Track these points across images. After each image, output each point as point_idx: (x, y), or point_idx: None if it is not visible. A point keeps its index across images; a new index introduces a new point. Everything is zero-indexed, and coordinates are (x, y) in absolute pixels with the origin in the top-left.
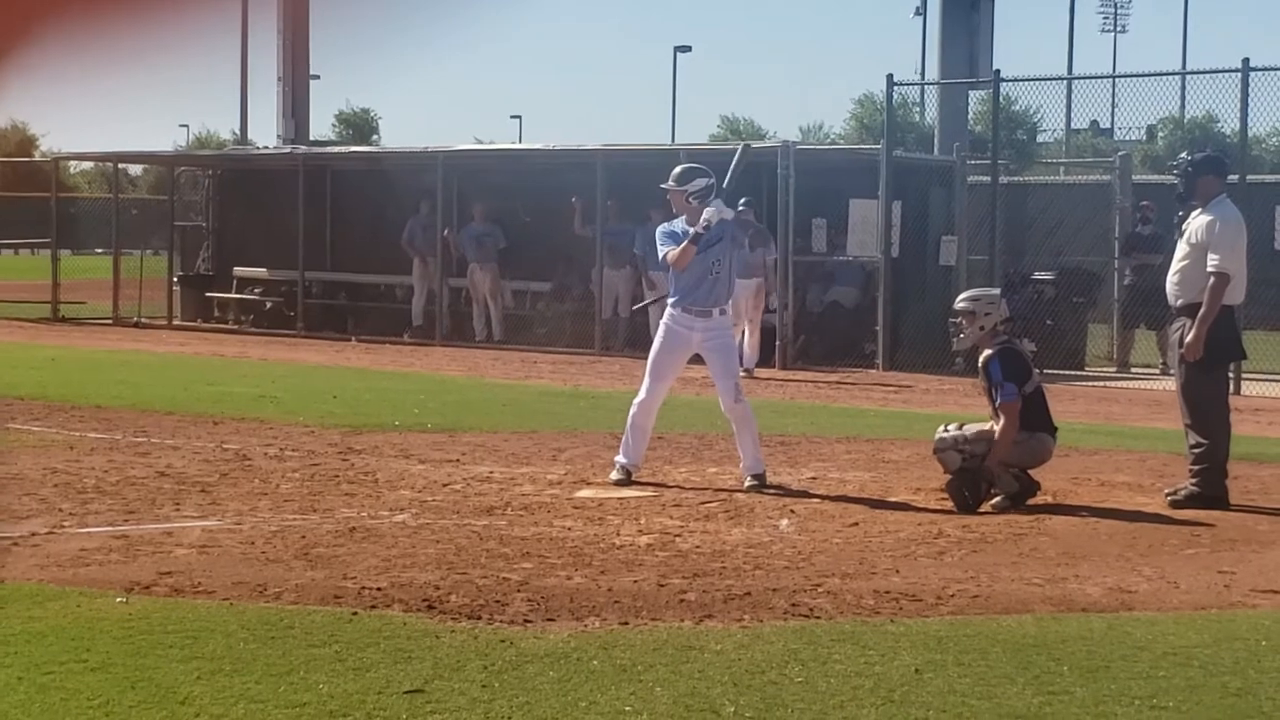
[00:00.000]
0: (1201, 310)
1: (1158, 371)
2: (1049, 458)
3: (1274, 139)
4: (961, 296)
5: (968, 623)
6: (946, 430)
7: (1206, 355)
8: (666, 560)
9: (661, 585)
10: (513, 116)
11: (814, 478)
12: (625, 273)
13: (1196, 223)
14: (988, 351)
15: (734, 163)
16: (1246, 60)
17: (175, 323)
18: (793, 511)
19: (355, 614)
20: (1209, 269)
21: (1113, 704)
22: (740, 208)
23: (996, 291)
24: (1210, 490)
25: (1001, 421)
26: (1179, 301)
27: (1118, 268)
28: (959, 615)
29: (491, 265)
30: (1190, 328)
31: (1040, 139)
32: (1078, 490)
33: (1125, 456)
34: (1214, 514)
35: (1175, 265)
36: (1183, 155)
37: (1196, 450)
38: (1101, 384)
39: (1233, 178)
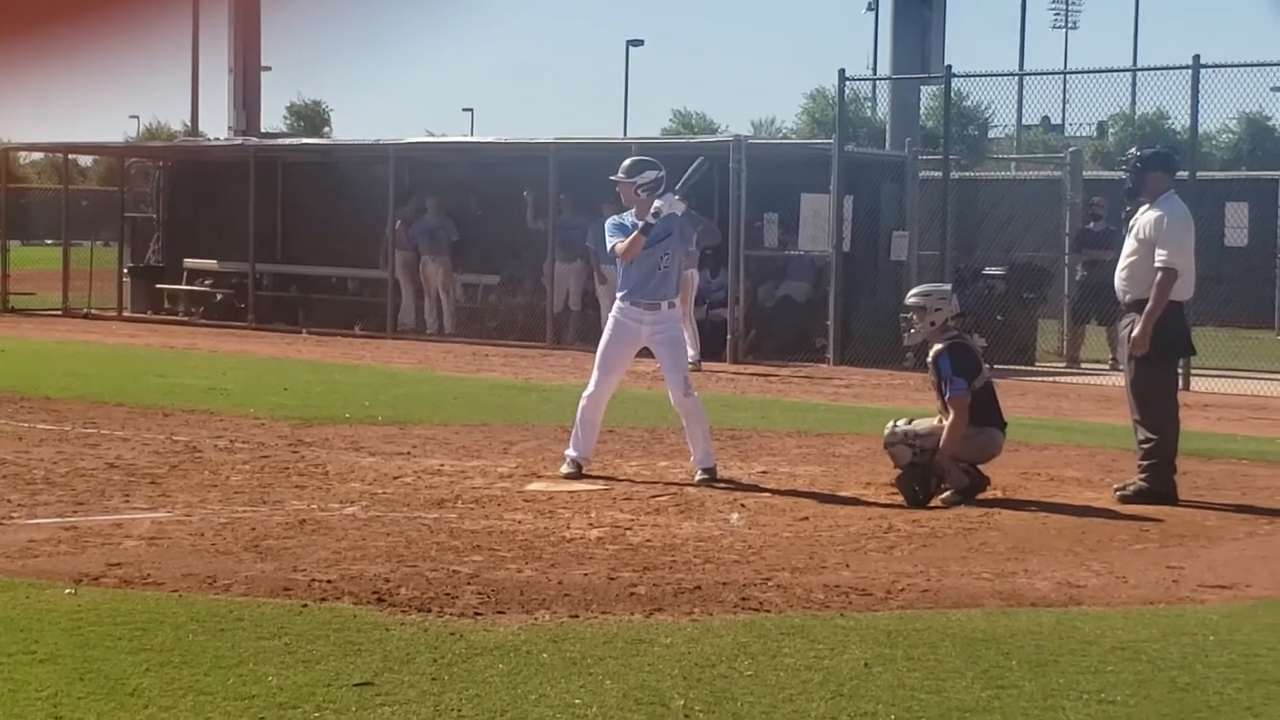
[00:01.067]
0: (1149, 306)
1: (1107, 367)
2: (999, 453)
3: (1224, 136)
4: (912, 292)
5: (917, 617)
6: (896, 425)
7: (1156, 350)
8: (617, 554)
9: (612, 579)
10: (464, 109)
11: (764, 472)
12: (576, 266)
13: (1144, 219)
14: (937, 346)
15: (689, 173)
16: (1197, 57)
17: (125, 314)
18: (743, 505)
19: (305, 606)
20: (1156, 264)
21: (1061, 698)
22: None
23: (947, 287)
24: (1159, 485)
25: (951, 416)
26: (1127, 297)
27: (1068, 263)
28: (908, 610)
29: (444, 258)
30: (1138, 323)
31: (992, 135)
32: (1027, 485)
33: (1075, 452)
34: (1163, 509)
35: (1123, 261)
36: (1132, 151)
37: (1145, 445)
38: (1051, 379)
39: (1183, 174)
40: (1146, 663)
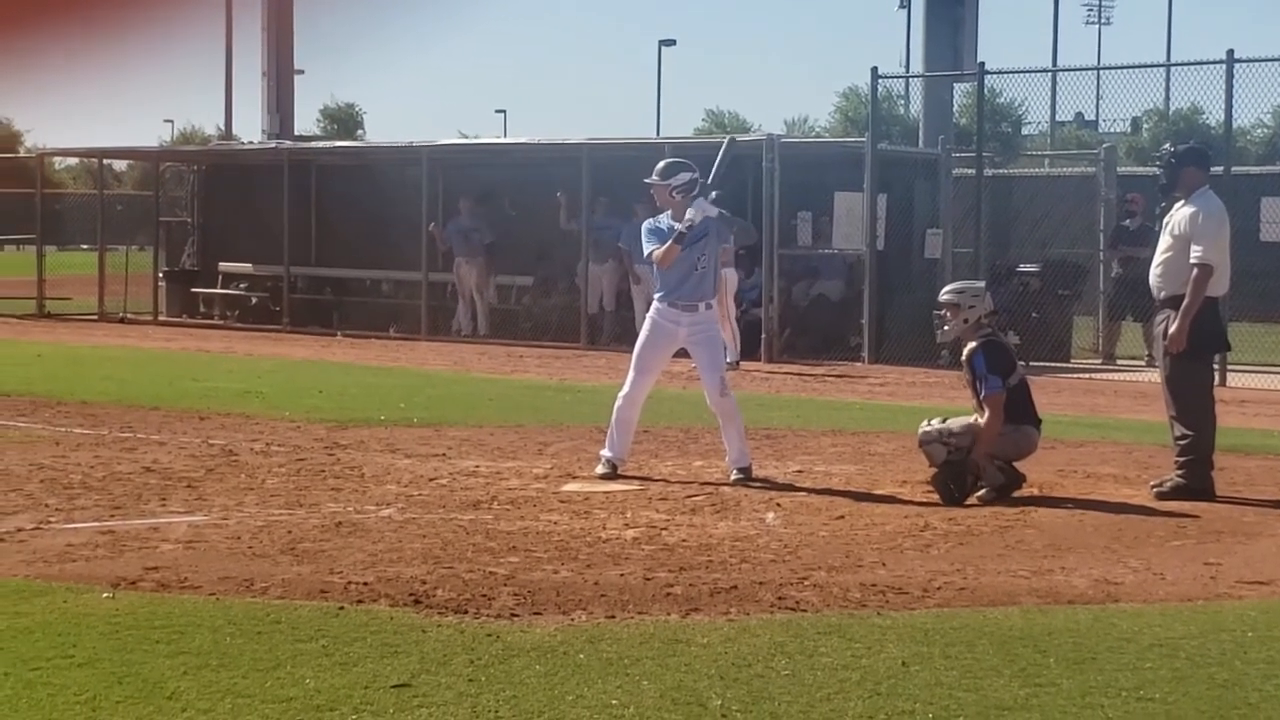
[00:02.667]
0: (1185, 302)
1: (1143, 363)
2: (1034, 450)
3: (1259, 130)
4: (946, 289)
5: (954, 615)
6: (931, 424)
7: (1191, 346)
8: (653, 554)
9: (648, 579)
10: (497, 110)
11: (800, 471)
12: (609, 266)
13: (1179, 215)
14: (972, 344)
15: (719, 157)
16: (1231, 52)
17: (161, 318)
18: (779, 505)
19: (342, 609)
20: (1192, 260)
21: (1099, 695)
22: (711, 197)
23: (981, 284)
24: (1196, 482)
25: (986, 414)
26: (1162, 294)
27: (1104, 260)
28: (945, 608)
29: (478, 260)
30: (1174, 320)
31: (1025, 131)
32: (1064, 482)
33: (1111, 448)
34: (1200, 505)
35: (1158, 257)
36: (1166, 147)
37: (1182, 442)
38: (1087, 376)
39: (1218, 169)
40: (1185, 659)
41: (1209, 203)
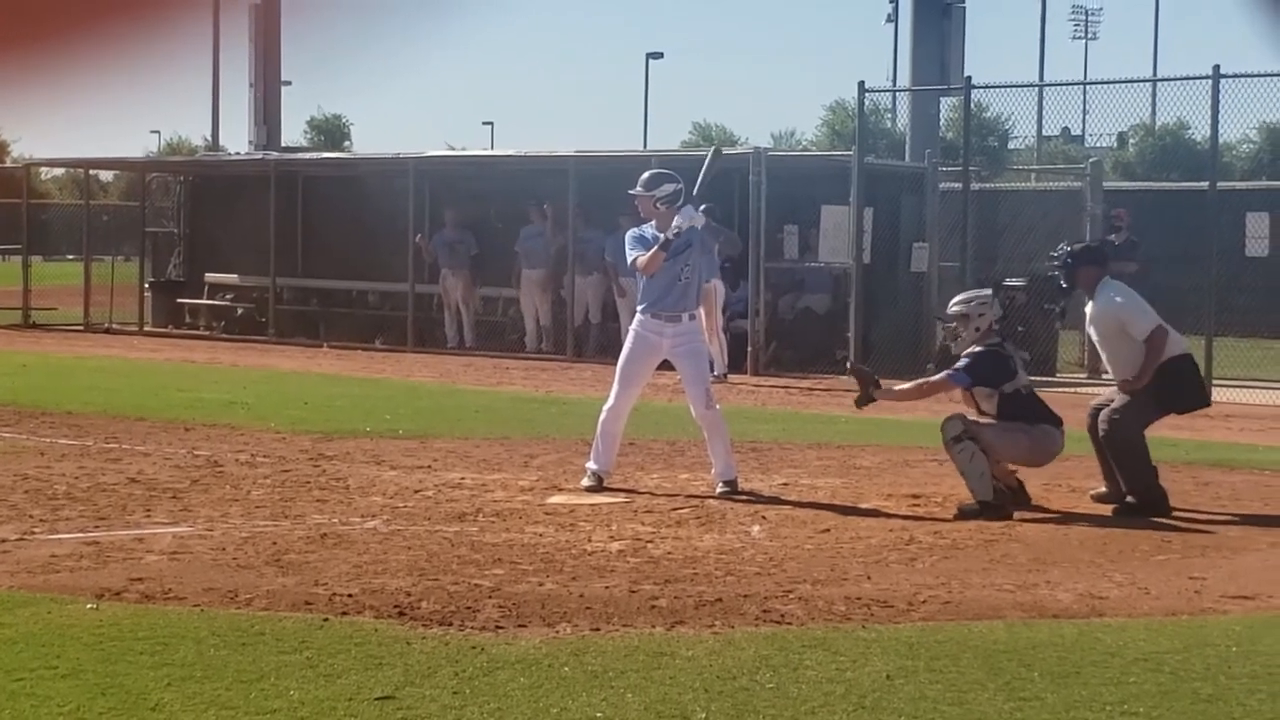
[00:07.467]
0: (1148, 359)
1: None
2: (1058, 450)
3: (1244, 146)
4: (954, 300)
5: (939, 629)
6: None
7: (1162, 398)
8: (638, 566)
9: (633, 591)
10: (484, 122)
11: (785, 484)
12: (594, 279)
13: (1096, 313)
14: (974, 349)
15: (704, 167)
16: (1217, 67)
17: (146, 329)
18: (764, 518)
19: (326, 620)
20: (1141, 340)
21: (1083, 710)
22: (700, 210)
23: (988, 292)
24: (1147, 495)
25: (935, 378)
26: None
27: None
28: (930, 621)
29: (464, 271)
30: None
31: (1012, 146)
32: (1049, 496)
33: (1095, 463)
34: (1183, 520)
35: (1105, 356)
36: (1062, 246)
37: (1125, 473)
38: (1072, 390)
39: (1203, 184)
40: (1169, 674)
41: (1116, 289)
